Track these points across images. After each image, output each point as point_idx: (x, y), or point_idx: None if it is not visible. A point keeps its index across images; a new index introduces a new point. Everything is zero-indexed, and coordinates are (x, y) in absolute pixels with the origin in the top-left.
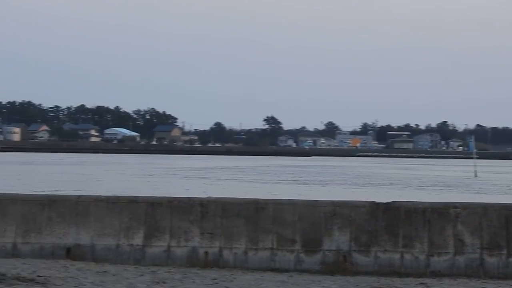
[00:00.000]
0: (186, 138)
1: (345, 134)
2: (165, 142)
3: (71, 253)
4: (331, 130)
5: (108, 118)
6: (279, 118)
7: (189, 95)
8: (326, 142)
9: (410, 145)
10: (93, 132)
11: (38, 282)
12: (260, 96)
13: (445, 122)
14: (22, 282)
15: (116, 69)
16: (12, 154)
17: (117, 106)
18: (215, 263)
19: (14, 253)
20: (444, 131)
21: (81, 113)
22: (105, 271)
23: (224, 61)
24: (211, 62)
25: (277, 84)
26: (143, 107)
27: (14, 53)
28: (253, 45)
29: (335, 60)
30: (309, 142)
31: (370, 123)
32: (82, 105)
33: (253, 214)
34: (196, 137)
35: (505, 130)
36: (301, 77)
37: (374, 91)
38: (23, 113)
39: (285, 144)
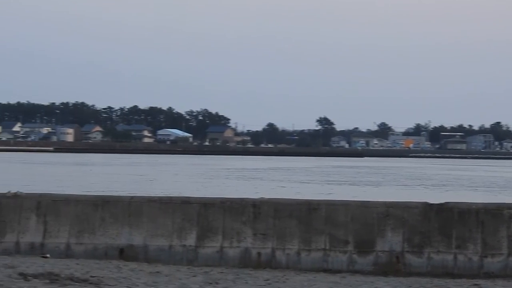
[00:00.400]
0: (239, 139)
1: (398, 135)
2: (218, 143)
3: (124, 253)
4: (384, 130)
5: (161, 119)
6: (331, 118)
7: (241, 96)
8: (379, 143)
9: (463, 146)
10: (146, 133)
11: (91, 283)
12: (312, 97)
13: (499, 122)
14: (76, 282)
15: (169, 70)
16: (66, 155)
17: (170, 107)
18: (268, 263)
19: (67, 253)
20: (497, 132)
21: (134, 114)
22: (158, 272)
23: (276, 62)
24: (263, 63)
25: (330, 84)
26: (196, 108)
27: (68, 56)
28: (306, 45)
29: (388, 60)
30: (362, 143)
31: (423, 123)
32: (135, 106)
33: (305, 215)
34: (248, 138)
35: None
36: (354, 77)
37: (427, 91)
38: (77, 114)
39: (337, 145)
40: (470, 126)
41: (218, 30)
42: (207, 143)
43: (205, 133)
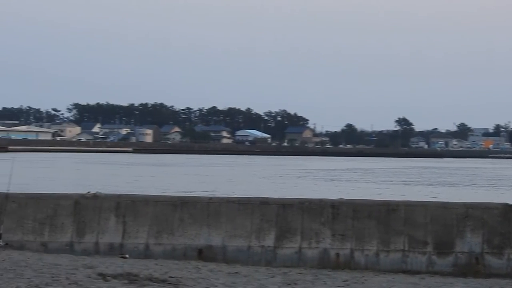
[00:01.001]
0: (317, 139)
1: (477, 135)
2: (296, 144)
3: (202, 254)
4: (463, 131)
5: (240, 120)
6: (410, 119)
7: (320, 97)
8: (458, 143)
9: None
10: (224, 133)
11: (170, 283)
12: (391, 98)
13: None
14: (155, 282)
15: (248, 71)
16: (144, 156)
17: (249, 108)
18: (346, 264)
19: (146, 254)
20: None
21: (212, 115)
22: (236, 272)
23: (355, 64)
24: (341, 64)
25: (409, 85)
26: (275, 108)
27: (147, 57)
28: (384, 47)
29: (467, 61)
30: (441, 144)
31: (502, 124)
32: (214, 107)
33: (384, 216)
34: (327, 139)
35: None
36: (433, 78)
37: (507, 91)
38: (155, 115)
39: (416, 145)
40: None
41: (295, 28)
42: (285, 144)
43: (284, 133)
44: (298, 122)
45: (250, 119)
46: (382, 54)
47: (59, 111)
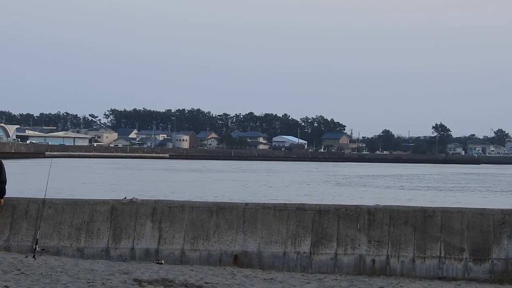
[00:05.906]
0: (354, 145)
1: None
2: (333, 150)
3: (238, 260)
4: (501, 137)
5: (276, 126)
6: (448, 125)
7: (357, 103)
8: (495, 149)
9: None
10: (261, 139)
11: None
12: (428, 104)
13: None
14: None
15: (285, 77)
16: (181, 162)
17: (285, 114)
18: (382, 271)
19: (182, 259)
20: None
21: (249, 121)
22: (271, 279)
23: (393, 68)
24: (378, 70)
25: (446, 91)
26: (311, 114)
27: (183, 63)
28: (422, 53)
29: (505, 67)
30: (478, 150)
31: None
32: (251, 113)
33: (421, 222)
34: (364, 145)
35: None
36: (470, 84)
37: None
38: (192, 121)
39: (453, 151)
40: None
41: (332, 31)
42: (322, 150)
43: (320, 139)
44: (335, 128)
45: (287, 125)
46: (417, 61)
47: (96, 117)
